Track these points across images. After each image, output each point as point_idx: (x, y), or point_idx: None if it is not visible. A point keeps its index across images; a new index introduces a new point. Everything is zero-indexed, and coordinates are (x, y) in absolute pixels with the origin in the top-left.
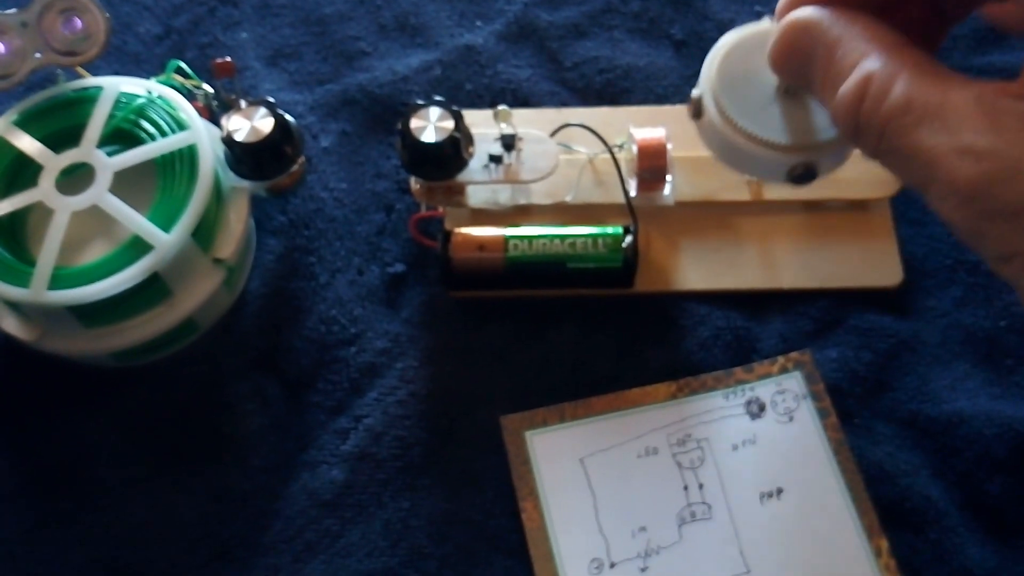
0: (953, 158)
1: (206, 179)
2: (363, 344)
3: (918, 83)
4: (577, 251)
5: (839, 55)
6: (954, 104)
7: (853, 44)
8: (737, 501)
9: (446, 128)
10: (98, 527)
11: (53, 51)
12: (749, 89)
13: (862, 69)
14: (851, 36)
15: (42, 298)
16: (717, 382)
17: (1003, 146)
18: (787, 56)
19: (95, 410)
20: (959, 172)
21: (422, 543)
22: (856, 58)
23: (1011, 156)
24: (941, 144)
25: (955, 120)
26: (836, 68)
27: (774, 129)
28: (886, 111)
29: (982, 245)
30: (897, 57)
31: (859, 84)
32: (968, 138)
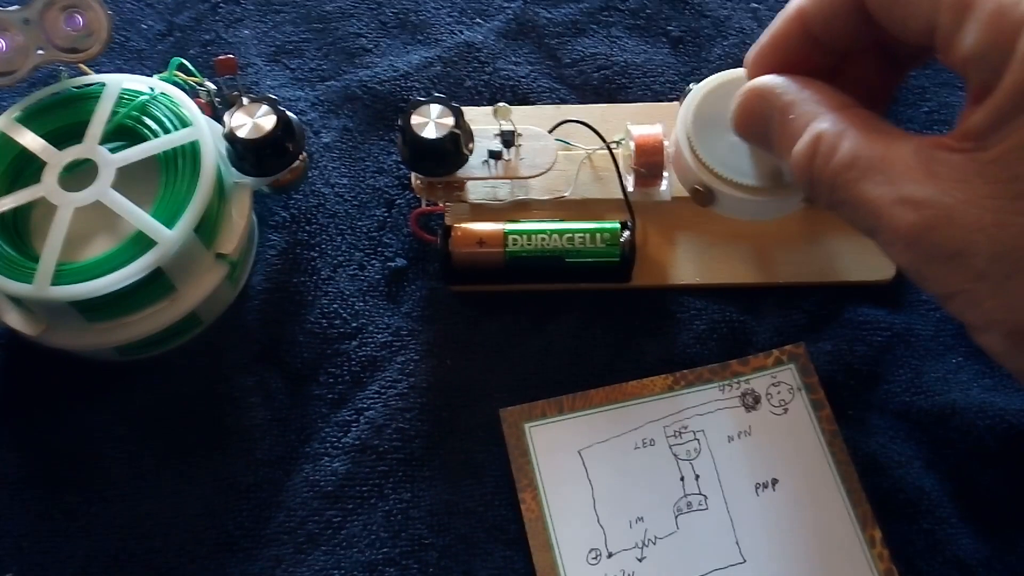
0: (895, 207)
1: (208, 175)
2: (364, 338)
3: (863, 140)
4: (575, 246)
5: (792, 118)
6: (895, 158)
7: (805, 107)
8: (732, 492)
9: (446, 125)
10: (104, 518)
11: (56, 48)
12: (719, 130)
13: (812, 129)
14: (803, 100)
15: (46, 294)
16: (713, 374)
17: (937, 195)
18: (747, 120)
19: (100, 403)
20: (900, 220)
21: (423, 534)
22: (807, 120)
23: (944, 204)
24: (883, 195)
25: (895, 172)
26: (790, 129)
27: (734, 168)
28: (834, 167)
29: (927, 285)
30: (844, 117)
31: (810, 143)
32: (907, 189)
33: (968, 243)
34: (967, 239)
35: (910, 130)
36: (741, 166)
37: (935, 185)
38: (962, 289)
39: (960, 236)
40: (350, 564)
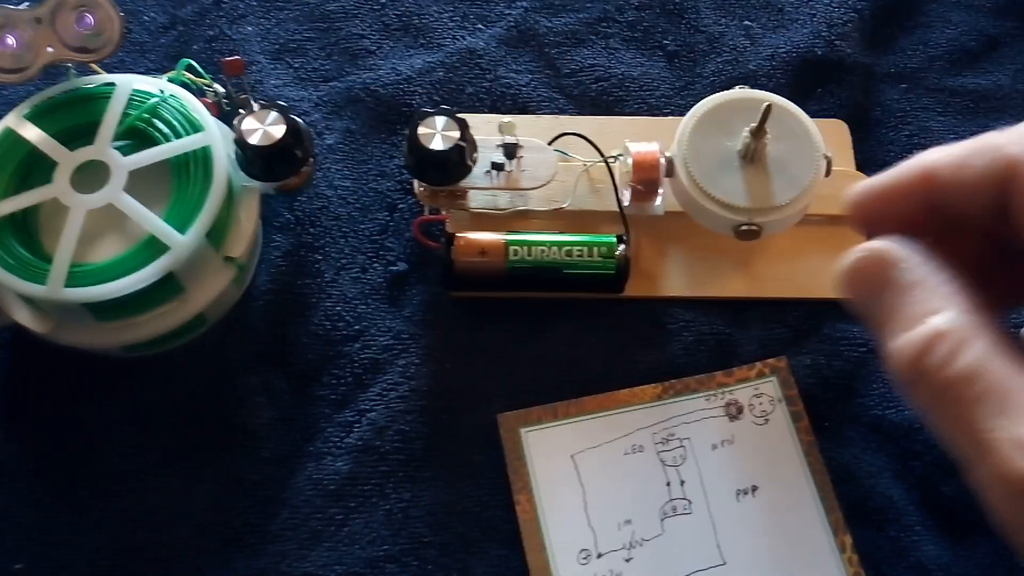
0: (1011, 449)
1: (220, 182)
2: (366, 340)
3: (989, 358)
4: (573, 258)
5: (912, 301)
6: (1022, 391)
7: (930, 295)
8: (715, 497)
9: (452, 137)
10: (112, 513)
11: (66, 47)
12: (714, 152)
13: (934, 324)
14: (930, 286)
15: (59, 295)
16: (700, 385)
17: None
18: (858, 284)
19: (108, 400)
20: (1013, 464)
21: (422, 532)
22: (929, 310)
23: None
24: (1000, 430)
25: (1019, 410)
26: (906, 312)
27: (729, 191)
28: (949, 376)
29: (1019, 540)
30: (973, 324)
31: (927, 338)
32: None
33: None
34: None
35: (890, 154)
36: (733, 187)
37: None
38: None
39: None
40: (352, 560)
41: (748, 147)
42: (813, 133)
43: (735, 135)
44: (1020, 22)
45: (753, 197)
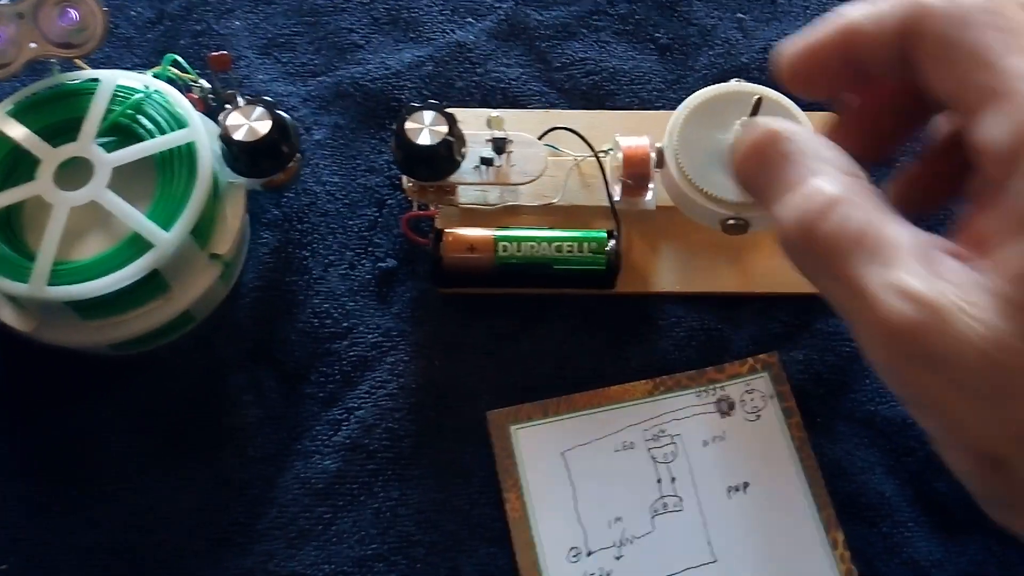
0: (887, 294)
1: (205, 178)
2: (355, 338)
3: (866, 212)
4: (563, 254)
5: (795, 168)
6: (896, 242)
7: (811, 161)
8: (706, 494)
9: (440, 132)
10: (101, 513)
11: (49, 43)
12: (705, 145)
13: (815, 186)
14: (811, 153)
15: (42, 293)
16: (691, 381)
17: (937, 295)
18: (746, 158)
19: (95, 399)
20: (890, 310)
21: (411, 531)
22: (811, 175)
23: (943, 307)
24: (877, 279)
25: (894, 258)
26: (790, 180)
27: (718, 184)
28: (829, 231)
29: (900, 387)
30: (852, 183)
31: (809, 199)
32: (905, 278)
33: (959, 354)
34: (958, 350)
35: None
36: (723, 181)
37: (935, 284)
38: (938, 401)
39: (952, 344)
40: (340, 559)
41: None
42: (804, 124)
43: (727, 128)
44: None
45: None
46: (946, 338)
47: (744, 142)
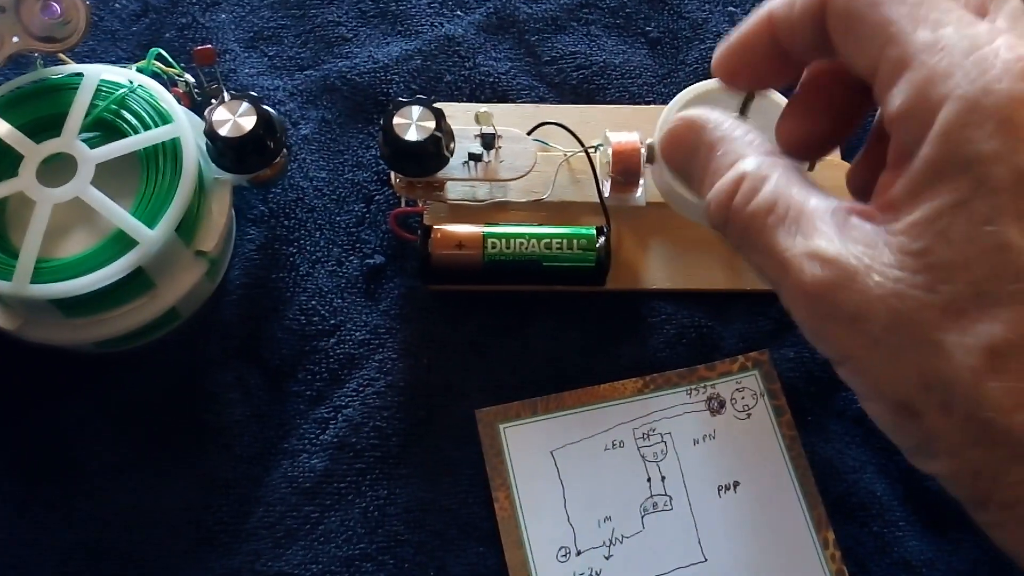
0: (803, 260)
1: (190, 174)
2: (342, 335)
3: (784, 188)
4: (552, 251)
5: (719, 154)
6: (811, 212)
7: (734, 146)
8: (696, 493)
9: (428, 127)
10: (83, 512)
11: (31, 37)
12: None
13: (737, 168)
14: (733, 139)
15: (25, 291)
16: (681, 379)
17: (845, 256)
18: (674, 148)
19: (78, 396)
20: (806, 274)
21: (399, 530)
22: (733, 159)
23: (850, 266)
24: (794, 247)
25: (809, 227)
26: (715, 165)
27: None
28: (751, 209)
29: (821, 346)
30: (771, 163)
31: (733, 182)
32: (818, 244)
33: (867, 309)
34: (866, 305)
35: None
36: None
37: (844, 246)
38: (854, 355)
39: (860, 301)
40: (328, 559)
41: None
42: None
43: None
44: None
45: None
46: (855, 295)
47: (668, 132)
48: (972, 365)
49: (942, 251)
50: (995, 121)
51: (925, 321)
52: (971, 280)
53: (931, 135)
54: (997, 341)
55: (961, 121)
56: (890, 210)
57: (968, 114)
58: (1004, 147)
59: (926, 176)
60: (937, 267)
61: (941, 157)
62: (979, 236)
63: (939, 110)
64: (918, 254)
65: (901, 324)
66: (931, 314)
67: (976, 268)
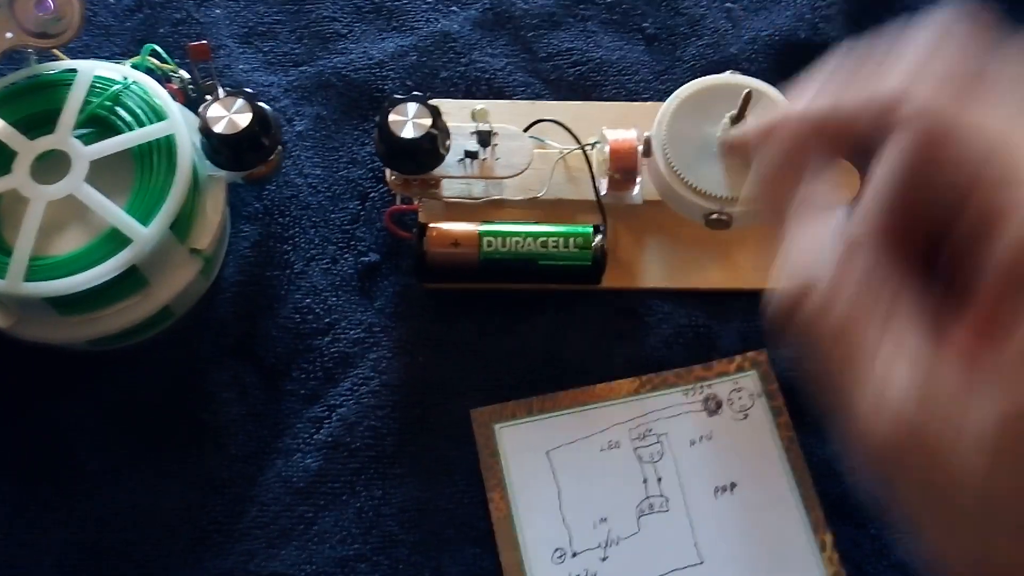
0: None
1: (184, 171)
2: (337, 334)
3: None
4: (549, 249)
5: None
6: (903, 334)
7: (817, 216)
8: (693, 494)
9: (424, 125)
10: (78, 512)
11: (25, 32)
12: (693, 137)
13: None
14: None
15: (19, 290)
16: (678, 379)
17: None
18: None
19: (73, 395)
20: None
21: (393, 530)
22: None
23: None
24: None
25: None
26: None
27: (704, 178)
28: (834, 319)
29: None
30: (865, 251)
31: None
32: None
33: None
34: (954, 473)
35: None
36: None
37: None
38: (937, 522)
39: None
40: (322, 559)
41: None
42: None
43: (716, 122)
44: (1007, 5)
45: (729, 186)
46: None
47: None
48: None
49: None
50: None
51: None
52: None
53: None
54: None
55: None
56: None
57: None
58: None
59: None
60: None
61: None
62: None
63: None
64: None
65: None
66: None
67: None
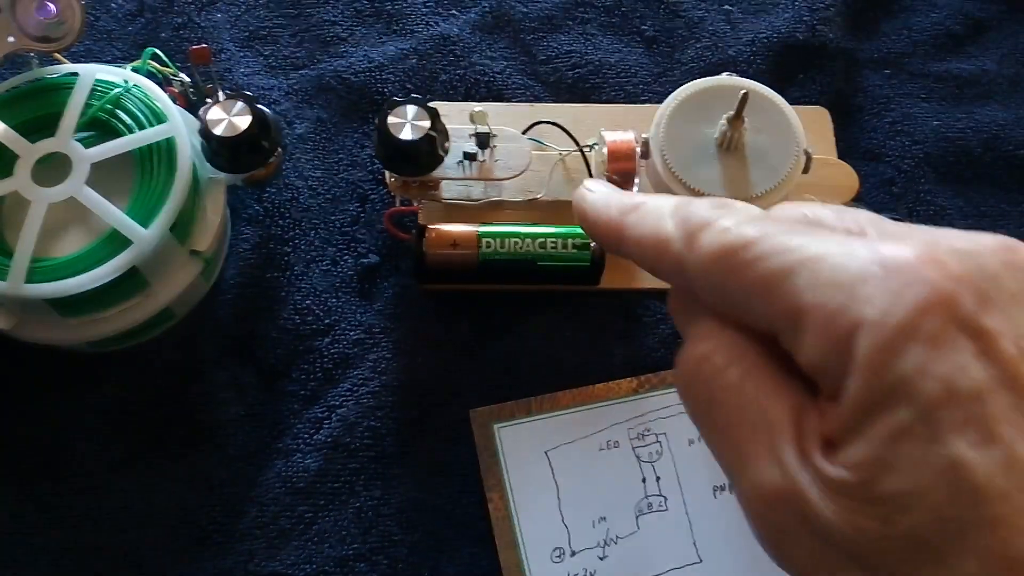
0: (761, 490)
1: (184, 174)
2: (337, 335)
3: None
4: (548, 250)
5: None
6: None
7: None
8: (692, 493)
9: (423, 127)
10: (77, 512)
11: (27, 37)
12: (691, 139)
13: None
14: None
15: (20, 291)
16: None
17: (802, 495)
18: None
19: (73, 395)
20: (762, 503)
21: (392, 530)
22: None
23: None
24: (755, 472)
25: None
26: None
27: (703, 179)
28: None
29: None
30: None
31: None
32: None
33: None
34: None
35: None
36: (708, 175)
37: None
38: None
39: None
40: (321, 559)
41: (725, 135)
42: (794, 124)
43: (713, 123)
44: (1006, 5)
45: (728, 187)
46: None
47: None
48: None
49: (892, 482)
50: (905, 336)
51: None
52: (931, 507)
53: (853, 371)
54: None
55: (876, 347)
56: (835, 448)
57: (880, 338)
58: (923, 360)
59: (856, 415)
60: (889, 498)
61: (869, 390)
62: (928, 460)
63: (852, 344)
64: (865, 498)
65: (859, 556)
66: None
67: (933, 495)
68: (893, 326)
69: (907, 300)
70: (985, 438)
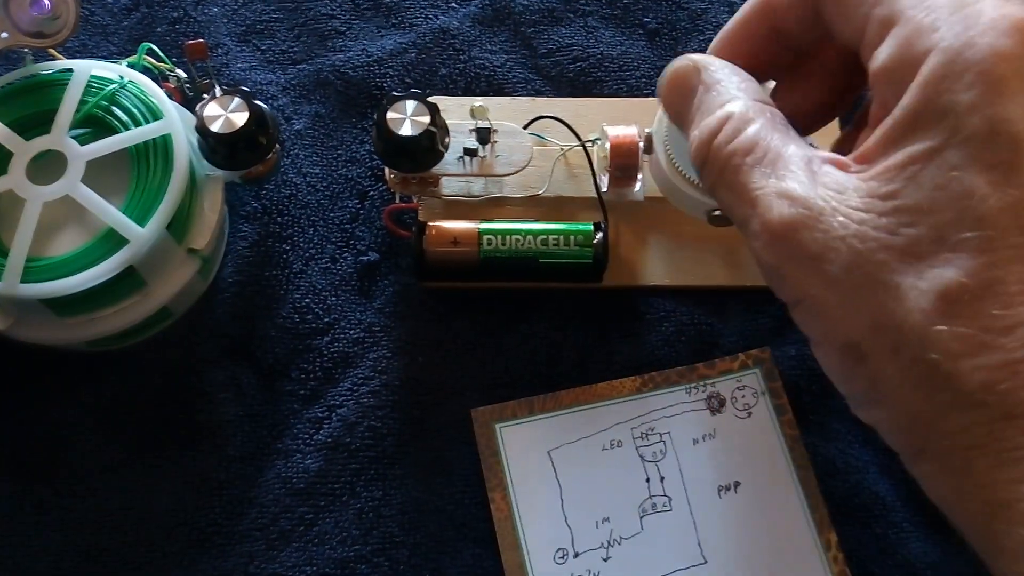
0: (772, 199)
1: (181, 171)
2: (337, 333)
3: (767, 132)
4: (549, 247)
5: (712, 94)
6: (788, 158)
7: (726, 88)
8: (696, 494)
9: (422, 122)
10: (75, 513)
11: (21, 32)
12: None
13: (725, 109)
14: (728, 82)
15: (15, 291)
16: (680, 377)
17: (813, 197)
18: (674, 91)
19: (70, 395)
20: (773, 212)
21: (394, 531)
22: (724, 100)
23: (817, 206)
24: (767, 186)
25: (784, 170)
26: (706, 105)
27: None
28: (732, 148)
29: (780, 286)
30: (758, 108)
31: (719, 120)
32: (789, 185)
33: (828, 249)
34: (828, 245)
35: None
36: None
37: (814, 189)
38: (811, 295)
39: (823, 240)
40: (322, 561)
41: None
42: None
43: None
44: None
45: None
46: (819, 234)
47: (670, 71)
48: (924, 308)
49: (910, 195)
50: (974, 73)
51: (883, 262)
52: (933, 224)
53: (912, 85)
54: (950, 286)
55: (942, 72)
56: (864, 160)
57: (950, 65)
58: (980, 99)
59: (903, 124)
60: (903, 210)
61: (920, 106)
62: (947, 183)
63: (922, 63)
64: (886, 196)
65: (860, 264)
66: (890, 255)
67: (940, 213)
68: (967, 58)
69: (988, 43)
70: (1006, 180)
